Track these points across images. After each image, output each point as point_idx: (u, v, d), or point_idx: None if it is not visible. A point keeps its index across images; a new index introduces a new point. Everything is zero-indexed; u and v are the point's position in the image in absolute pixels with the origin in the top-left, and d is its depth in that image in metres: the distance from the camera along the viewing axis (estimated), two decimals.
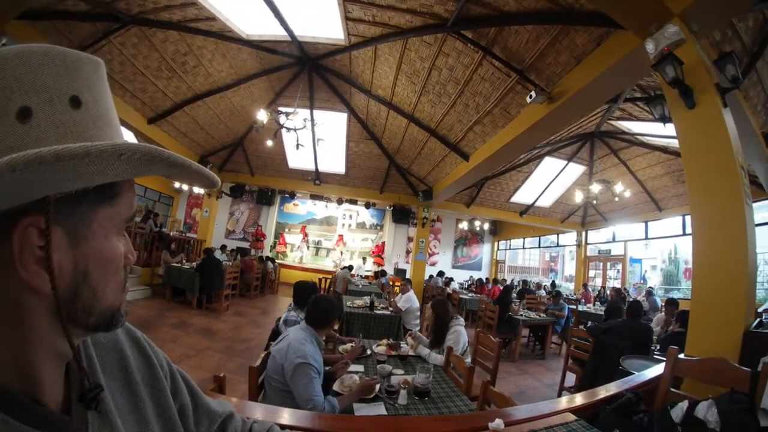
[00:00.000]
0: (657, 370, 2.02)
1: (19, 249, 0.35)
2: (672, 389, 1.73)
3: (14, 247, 0.35)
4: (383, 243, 13.83)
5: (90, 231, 0.40)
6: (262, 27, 5.85)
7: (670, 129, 3.89)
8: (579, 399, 1.70)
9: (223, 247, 9.88)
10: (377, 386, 2.01)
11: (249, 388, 2.01)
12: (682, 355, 1.96)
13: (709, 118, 2.68)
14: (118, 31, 5.39)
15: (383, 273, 9.92)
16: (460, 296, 8.64)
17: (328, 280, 9.27)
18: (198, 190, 12.60)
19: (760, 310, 3.23)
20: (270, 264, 9.99)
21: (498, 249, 16.17)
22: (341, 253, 13.68)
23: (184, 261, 7.73)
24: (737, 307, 2.31)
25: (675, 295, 10.40)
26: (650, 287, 9.82)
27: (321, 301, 2.26)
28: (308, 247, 13.79)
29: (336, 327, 3.09)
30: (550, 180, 10.44)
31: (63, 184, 0.35)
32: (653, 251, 12.33)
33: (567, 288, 13.55)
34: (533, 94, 4.62)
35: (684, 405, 1.47)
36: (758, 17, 3.77)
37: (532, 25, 4.19)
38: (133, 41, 5.72)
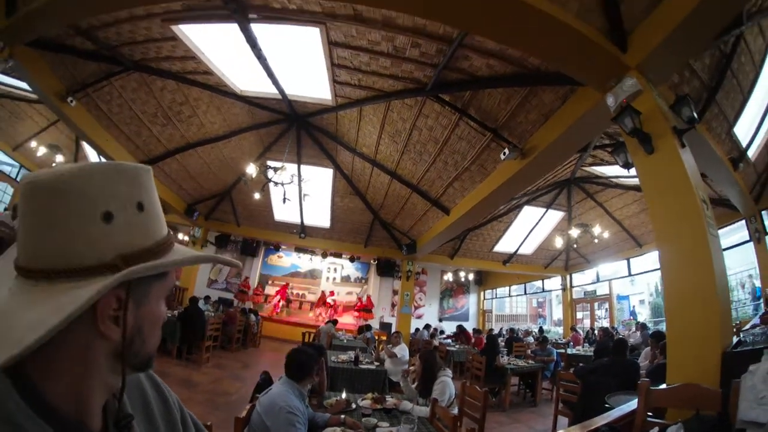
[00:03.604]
0: (635, 404, 2.09)
1: (101, 310, 0.48)
2: (649, 419, 1.79)
3: (98, 308, 0.47)
4: (368, 297, 13.54)
5: (147, 299, 0.54)
6: (255, 84, 6.11)
7: None
8: None
9: (207, 298, 9.63)
10: None
11: None
12: (664, 385, 2.03)
13: (668, 160, 2.84)
14: (120, 74, 5.65)
15: (368, 327, 9.68)
16: (447, 348, 8.50)
17: (312, 335, 9.01)
18: (183, 236, 12.49)
19: (745, 327, 3.27)
20: (252, 317, 9.72)
21: (484, 298, 16.07)
22: (320, 314, 12.95)
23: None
24: (711, 331, 2.35)
25: (663, 326, 10.28)
26: (642, 322, 9.73)
27: (297, 354, 2.39)
28: (287, 304, 13.31)
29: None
30: (530, 228, 10.64)
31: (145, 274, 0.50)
32: (639, 286, 12.38)
33: (557, 332, 13.37)
34: (507, 151, 4.93)
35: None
36: (714, 54, 3.93)
37: (503, 87, 4.56)
38: (133, 85, 5.97)
